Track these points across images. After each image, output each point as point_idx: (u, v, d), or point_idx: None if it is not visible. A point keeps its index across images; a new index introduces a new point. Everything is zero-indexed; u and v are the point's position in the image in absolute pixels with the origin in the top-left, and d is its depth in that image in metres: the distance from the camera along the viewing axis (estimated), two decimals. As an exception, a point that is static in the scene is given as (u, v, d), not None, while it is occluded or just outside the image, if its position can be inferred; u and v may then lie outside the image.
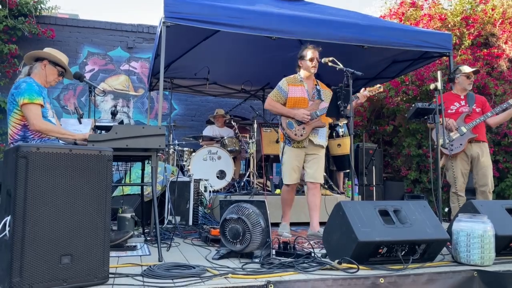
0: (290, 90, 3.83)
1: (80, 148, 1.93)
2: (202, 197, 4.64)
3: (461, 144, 4.14)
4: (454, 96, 4.37)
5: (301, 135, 3.75)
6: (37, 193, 1.75)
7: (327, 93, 3.87)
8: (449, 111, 4.29)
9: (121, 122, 3.55)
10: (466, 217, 2.54)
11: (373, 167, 6.32)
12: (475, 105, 4.29)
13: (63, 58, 3.23)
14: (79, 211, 1.85)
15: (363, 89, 3.74)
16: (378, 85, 3.75)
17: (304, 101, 3.81)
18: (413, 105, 3.58)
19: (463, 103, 4.30)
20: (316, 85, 3.91)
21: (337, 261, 2.26)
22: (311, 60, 3.79)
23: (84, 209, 1.86)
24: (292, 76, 3.92)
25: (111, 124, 2.97)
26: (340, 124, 5.56)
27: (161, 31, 4.08)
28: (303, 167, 3.87)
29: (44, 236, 1.75)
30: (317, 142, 3.81)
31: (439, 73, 3.28)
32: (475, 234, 2.44)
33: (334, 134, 5.56)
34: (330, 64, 3.49)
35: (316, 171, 3.81)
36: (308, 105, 3.80)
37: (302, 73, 3.89)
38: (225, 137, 6.07)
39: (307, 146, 3.81)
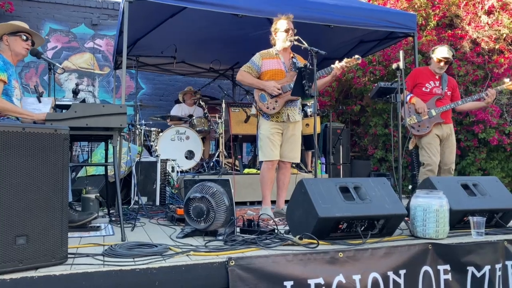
0: (264, 64, 3.71)
1: (34, 126, 1.87)
2: (170, 177, 4.61)
3: (427, 127, 4.22)
4: (430, 74, 4.38)
5: (273, 108, 3.64)
6: (-12, 173, 1.69)
7: None
8: (423, 88, 4.32)
9: (83, 101, 3.45)
10: (423, 193, 2.63)
11: (341, 146, 6.43)
12: (447, 88, 4.38)
13: (18, 23, 3.09)
14: (34, 191, 1.80)
15: (337, 61, 3.60)
16: (357, 56, 3.59)
17: (281, 73, 3.70)
18: (375, 84, 3.64)
19: (437, 83, 4.34)
20: (292, 57, 3.81)
21: (298, 236, 2.31)
22: (287, 31, 3.67)
23: (40, 189, 1.82)
24: (266, 50, 3.81)
25: (72, 102, 2.89)
26: (308, 104, 5.61)
27: (123, 8, 3.96)
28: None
29: (-3, 217, 1.70)
30: (293, 118, 3.74)
31: (401, 52, 3.34)
32: (431, 209, 2.53)
33: (302, 114, 5.59)
34: (295, 43, 3.48)
35: (292, 151, 3.77)
36: (285, 77, 3.71)
37: (278, 45, 3.76)
38: (194, 117, 6.02)
39: (286, 120, 3.70)
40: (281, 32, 3.70)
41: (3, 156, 1.74)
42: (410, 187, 5.92)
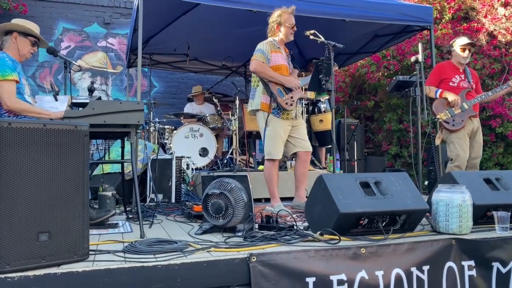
0: (273, 58, 3.60)
1: (55, 123, 1.86)
2: (185, 174, 4.61)
3: (462, 121, 4.12)
4: (454, 68, 4.29)
5: (291, 104, 3.57)
6: (10, 170, 1.69)
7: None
8: (450, 83, 4.23)
9: (99, 99, 3.46)
10: (445, 188, 2.58)
11: (355, 142, 6.37)
12: (472, 80, 4.30)
13: (32, 27, 3.09)
14: (56, 187, 1.80)
15: None
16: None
17: (286, 68, 3.65)
18: (393, 78, 3.58)
19: (462, 77, 4.26)
20: (288, 52, 3.76)
21: (319, 232, 2.28)
22: (292, 27, 3.61)
23: (61, 185, 1.81)
24: (267, 41, 3.67)
25: (88, 100, 2.89)
26: (322, 100, 5.57)
27: (138, 5, 3.96)
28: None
29: (20, 214, 1.70)
30: (299, 117, 3.73)
31: (420, 45, 3.28)
32: (453, 204, 2.48)
33: (316, 110, 5.56)
34: (311, 37, 3.44)
35: (306, 140, 3.71)
36: (289, 72, 3.66)
37: (278, 38, 3.68)
38: (207, 115, 6.02)
39: (294, 118, 3.65)
40: (286, 27, 3.61)
41: (25, 152, 1.74)
42: (426, 183, 5.84)
